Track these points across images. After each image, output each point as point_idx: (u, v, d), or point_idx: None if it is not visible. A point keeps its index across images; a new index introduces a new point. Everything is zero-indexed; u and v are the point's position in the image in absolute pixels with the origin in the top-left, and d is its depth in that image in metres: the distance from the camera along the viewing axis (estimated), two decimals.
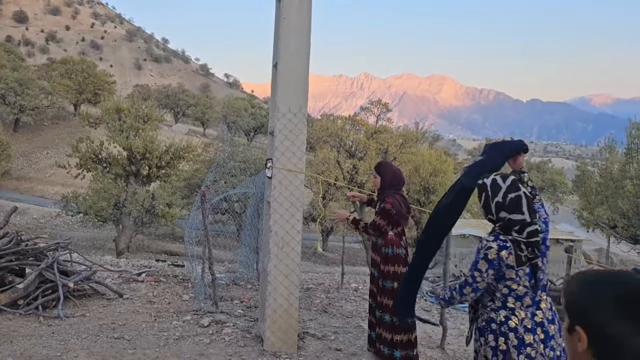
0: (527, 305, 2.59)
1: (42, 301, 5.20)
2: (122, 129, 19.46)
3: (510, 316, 2.57)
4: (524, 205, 2.56)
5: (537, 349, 2.52)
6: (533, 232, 2.54)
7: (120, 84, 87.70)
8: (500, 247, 2.53)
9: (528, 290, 2.58)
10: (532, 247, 2.54)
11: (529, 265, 2.54)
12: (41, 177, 41.65)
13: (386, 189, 4.38)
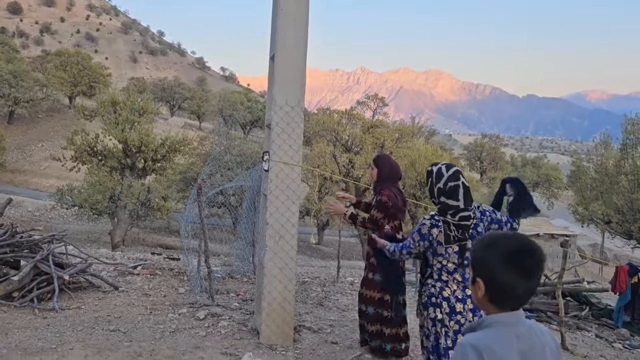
0: (459, 280, 2.98)
1: (37, 293, 5.18)
2: (117, 122, 19.37)
3: (444, 287, 2.98)
4: (460, 193, 2.97)
5: (466, 317, 2.90)
6: (464, 217, 2.95)
7: (116, 76, 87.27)
8: (432, 225, 2.97)
9: (457, 267, 2.96)
10: (461, 229, 2.94)
11: (457, 245, 2.94)
12: (36, 170, 41.46)
13: (383, 182, 4.37)
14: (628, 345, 6.34)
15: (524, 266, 1.53)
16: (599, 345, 6.28)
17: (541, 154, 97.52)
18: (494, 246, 1.58)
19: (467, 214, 2.97)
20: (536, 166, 56.76)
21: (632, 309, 7.24)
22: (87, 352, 4.00)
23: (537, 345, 1.58)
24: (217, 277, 7.22)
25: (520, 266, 1.53)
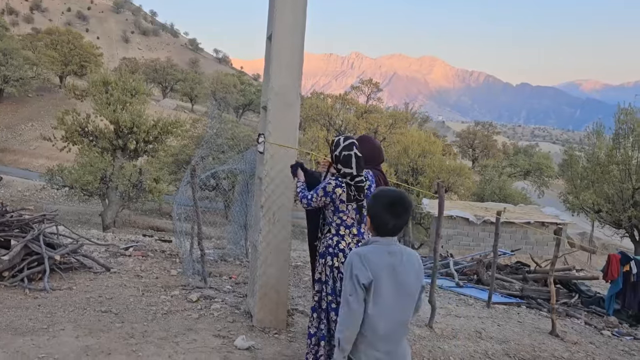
0: (354, 234, 3.43)
1: (28, 273, 5.13)
2: (109, 102, 19.12)
3: (340, 240, 3.41)
4: (353, 162, 3.43)
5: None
6: (359, 182, 3.41)
7: (107, 56, 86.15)
8: (336, 185, 3.41)
9: (354, 222, 3.43)
10: (359, 191, 3.40)
11: (356, 203, 3.40)
12: (26, 150, 41.01)
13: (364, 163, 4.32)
14: (617, 332, 6.40)
15: (393, 210, 2.30)
16: (588, 332, 6.33)
17: (533, 142, 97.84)
18: (377, 197, 2.39)
19: (360, 178, 3.43)
20: (528, 154, 56.86)
21: (622, 297, 7.30)
22: (79, 332, 3.96)
23: (404, 261, 2.31)
24: (209, 260, 7.19)
25: (390, 210, 2.30)
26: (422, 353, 4.42)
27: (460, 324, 5.43)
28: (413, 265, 2.31)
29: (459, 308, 6.43)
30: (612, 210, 21.40)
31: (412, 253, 2.36)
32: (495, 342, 5.00)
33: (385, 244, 2.31)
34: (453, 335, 4.97)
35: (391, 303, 2.24)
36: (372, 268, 2.22)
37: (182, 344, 3.97)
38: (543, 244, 20.18)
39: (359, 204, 3.42)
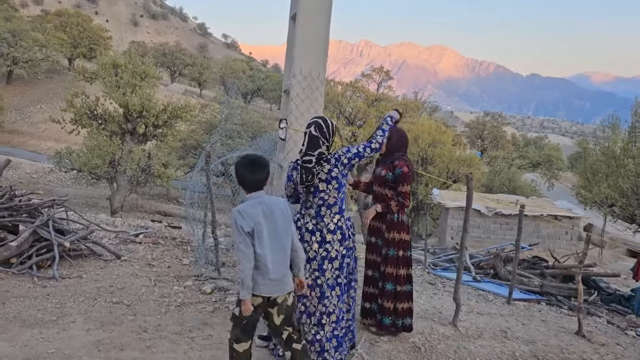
0: (312, 215, 3.48)
1: (36, 260, 4.94)
2: (118, 85, 18.87)
3: (300, 218, 3.52)
4: (305, 140, 3.47)
5: (312, 246, 3.43)
6: (305, 161, 3.41)
7: (116, 39, 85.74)
8: (292, 168, 3.55)
9: (312, 204, 3.47)
10: (306, 172, 3.39)
11: (306, 185, 3.43)
12: (34, 132, 40.94)
13: (393, 152, 4.13)
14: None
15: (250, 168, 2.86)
16: (613, 332, 6.10)
17: (542, 134, 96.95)
18: (239, 161, 2.94)
19: (308, 158, 3.41)
20: (538, 146, 56.27)
21: None
22: (90, 325, 3.77)
23: (273, 208, 2.87)
24: (221, 248, 7.00)
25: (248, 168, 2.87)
26: (448, 353, 4.20)
27: (484, 322, 5.20)
28: (280, 209, 2.91)
29: (480, 304, 6.20)
30: (627, 204, 21.03)
31: (277, 200, 2.98)
32: (521, 343, 4.78)
33: (256, 197, 2.88)
34: (478, 335, 4.75)
35: (271, 241, 2.85)
36: (251, 218, 2.80)
37: (197, 340, 3.78)
38: (555, 237, 19.87)
39: (308, 186, 3.43)
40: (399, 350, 4.08)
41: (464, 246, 4.79)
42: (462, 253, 4.81)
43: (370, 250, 4.25)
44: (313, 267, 3.41)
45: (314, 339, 3.41)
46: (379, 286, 4.15)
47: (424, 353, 4.13)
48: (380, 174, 4.19)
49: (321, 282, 3.41)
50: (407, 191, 4.03)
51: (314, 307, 3.42)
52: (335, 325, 3.47)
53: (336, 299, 3.46)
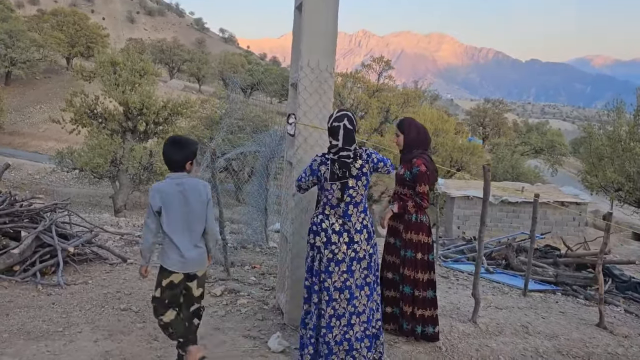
0: (339, 215, 3.27)
1: (40, 267, 4.79)
2: (117, 83, 18.69)
3: (324, 219, 3.29)
4: (340, 134, 3.25)
5: (340, 247, 3.25)
6: (344, 156, 3.23)
7: (114, 37, 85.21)
8: (321, 162, 3.29)
9: (339, 202, 3.25)
10: (342, 168, 3.22)
11: (340, 182, 3.22)
12: (35, 132, 40.77)
13: (412, 149, 3.93)
14: None
15: (171, 149, 2.98)
16: (633, 322, 5.94)
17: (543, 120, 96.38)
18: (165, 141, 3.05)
19: (346, 153, 3.24)
20: (540, 132, 55.93)
21: None
22: (97, 335, 3.61)
23: (189, 190, 2.98)
24: (229, 247, 6.84)
25: (169, 149, 2.99)
26: (470, 352, 4.05)
27: (504, 317, 5.04)
28: (198, 190, 3.02)
29: (497, 298, 6.05)
30: (633, 188, 20.83)
31: (196, 182, 3.07)
32: (544, 338, 4.62)
33: (175, 178, 2.99)
34: (499, 331, 4.59)
35: (183, 222, 2.98)
36: (162, 197, 2.94)
37: (209, 347, 3.62)
38: (562, 224, 19.69)
39: (343, 182, 3.22)
40: (419, 351, 3.93)
41: (482, 240, 4.62)
42: (480, 247, 4.64)
43: (389, 251, 4.07)
44: (342, 269, 3.26)
45: (343, 339, 3.28)
46: (400, 289, 3.98)
47: (445, 353, 3.98)
48: (399, 172, 4.00)
49: (350, 284, 3.28)
50: (425, 191, 3.84)
51: (343, 309, 3.27)
52: (367, 325, 3.33)
53: (366, 299, 3.32)
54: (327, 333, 3.25)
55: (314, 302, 3.32)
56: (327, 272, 3.25)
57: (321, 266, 3.28)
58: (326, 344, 3.26)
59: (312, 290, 3.33)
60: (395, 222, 4.01)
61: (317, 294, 3.31)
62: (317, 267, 3.30)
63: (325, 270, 3.25)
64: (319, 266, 3.29)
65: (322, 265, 3.26)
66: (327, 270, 3.25)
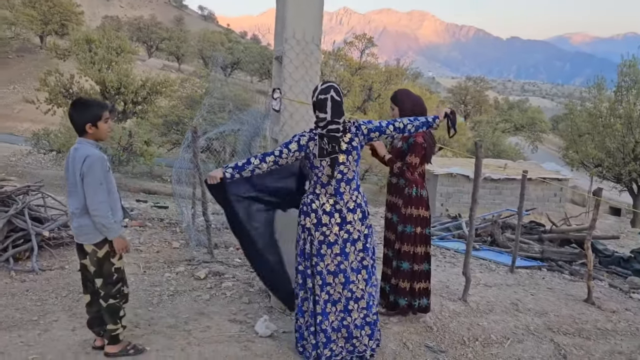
0: (331, 193, 3.10)
1: (13, 252, 4.55)
2: (93, 61, 18.16)
3: (314, 199, 3.12)
4: (328, 106, 3.05)
5: (331, 229, 3.10)
6: (333, 130, 3.04)
7: (89, 15, 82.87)
8: (309, 138, 3.09)
9: (331, 179, 3.07)
10: (331, 142, 3.03)
11: (329, 158, 3.03)
12: (9, 113, 39.63)
13: None
14: None
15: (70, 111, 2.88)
16: (618, 296, 5.95)
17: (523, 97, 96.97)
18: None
19: (335, 126, 3.05)
20: (522, 109, 56.27)
21: None
22: (75, 323, 3.44)
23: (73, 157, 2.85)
24: (212, 228, 6.67)
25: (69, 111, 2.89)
26: (461, 332, 3.97)
27: (494, 295, 4.99)
28: (75, 161, 2.84)
29: (485, 275, 6.00)
30: (613, 164, 21.07)
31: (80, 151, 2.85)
32: (534, 315, 4.58)
33: (76, 143, 2.91)
34: (489, 309, 4.53)
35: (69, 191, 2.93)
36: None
37: (195, 333, 3.47)
38: (544, 200, 19.91)
39: (333, 158, 3.04)
40: (411, 332, 3.84)
41: (473, 217, 4.52)
42: (471, 225, 4.54)
43: (387, 226, 3.96)
44: (335, 252, 3.11)
45: (340, 325, 3.16)
46: (393, 265, 3.87)
47: (436, 332, 3.90)
48: (397, 145, 3.86)
49: (345, 267, 3.13)
50: (414, 163, 3.69)
51: (338, 294, 3.14)
52: (367, 311, 3.20)
53: (363, 283, 3.18)
54: (323, 320, 3.13)
55: (308, 287, 3.18)
56: (319, 255, 3.11)
57: (312, 249, 3.14)
58: (323, 331, 3.13)
59: (306, 275, 3.19)
60: (394, 197, 3.89)
61: (311, 278, 3.17)
62: (309, 250, 3.16)
63: (317, 253, 3.12)
64: (310, 249, 3.15)
65: (314, 248, 3.12)
66: (318, 253, 3.11)
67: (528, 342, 3.99)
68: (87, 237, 2.92)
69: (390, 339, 3.66)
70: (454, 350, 3.71)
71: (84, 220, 2.89)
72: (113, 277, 2.99)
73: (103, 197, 2.82)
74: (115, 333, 3.02)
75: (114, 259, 2.98)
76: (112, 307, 3.00)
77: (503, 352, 3.80)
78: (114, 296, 3.00)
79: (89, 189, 2.80)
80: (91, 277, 3.01)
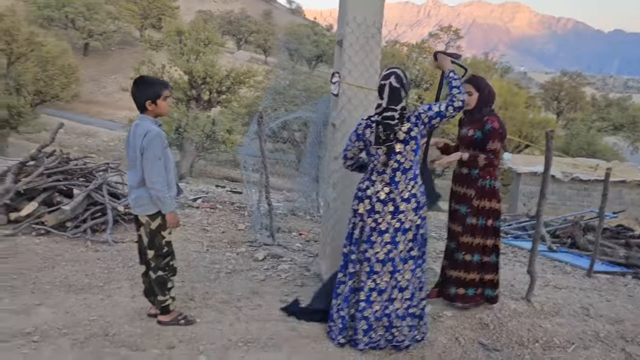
0: (386, 182, 3.08)
1: (91, 224, 4.91)
2: (182, 52, 19.07)
3: (370, 186, 3.12)
4: (385, 92, 3.04)
5: (384, 217, 3.08)
6: (387, 117, 3.02)
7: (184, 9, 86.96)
8: (366, 125, 3.11)
9: (386, 168, 3.05)
10: (387, 130, 3.00)
11: (385, 146, 3.02)
12: (110, 102, 42.63)
13: (482, 107, 3.65)
14: None
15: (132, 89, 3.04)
16: None
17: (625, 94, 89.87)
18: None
19: (390, 113, 3.03)
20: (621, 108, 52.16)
21: None
22: (135, 292, 3.65)
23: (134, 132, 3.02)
24: (279, 213, 6.80)
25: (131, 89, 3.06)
26: (520, 332, 3.77)
27: (562, 297, 4.68)
28: (135, 136, 2.99)
29: (557, 277, 5.65)
30: None
31: (142, 128, 2.98)
32: (606, 322, 4.25)
33: (138, 119, 3.06)
34: (555, 312, 4.26)
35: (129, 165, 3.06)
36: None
37: (245, 310, 3.57)
38: (636, 204, 18.37)
39: (389, 147, 3.02)
40: (464, 327, 3.70)
41: (540, 214, 4.27)
42: (538, 221, 4.29)
43: (452, 219, 3.86)
44: (385, 240, 3.09)
45: (382, 314, 3.14)
46: (453, 257, 3.79)
47: (492, 330, 3.73)
48: (467, 134, 3.72)
49: (393, 256, 3.11)
50: (497, 149, 3.59)
51: (385, 283, 3.12)
52: (410, 302, 3.17)
53: (409, 274, 3.15)
54: (366, 307, 3.11)
55: (349, 272, 3.18)
56: (369, 242, 3.10)
57: (363, 235, 3.13)
58: (365, 319, 3.12)
59: (349, 259, 3.18)
60: (463, 187, 3.78)
61: (354, 264, 3.16)
62: (358, 235, 3.15)
63: (367, 239, 3.10)
64: (359, 235, 3.15)
65: (364, 235, 3.11)
66: (369, 240, 3.09)
67: (595, 349, 3.71)
68: (142, 208, 3.07)
69: (442, 332, 3.56)
70: (509, 350, 3.53)
71: (140, 192, 3.04)
72: (163, 249, 3.13)
73: (160, 171, 2.96)
74: (165, 304, 3.16)
75: (164, 232, 3.12)
76: (160, 279, 3.14)
77: (565, 357, 3.57)
78: (163, 268, 3.14)
79: (148, 163, 2.94)
80: (144, 248, 3.15)
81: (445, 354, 3.30)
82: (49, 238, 4.66)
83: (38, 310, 3.25)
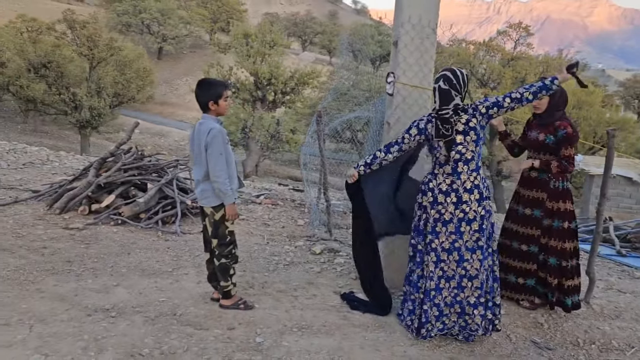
0: (448, 173, 3.21)
1: (162, 216, 5.29)
2: (249, 54, 19.68)
3: (432, 179, 3.27)
4: (436, 95, 3.21)
5: (447, 208, 3.20)
6: (442, 115, 3.17)
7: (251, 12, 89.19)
8: (427, 121, 3.28)
9: (448, 160, 3.17)
10: (444, 124, 3.15)
11: (444, 139, 3.16)
12: (181, 103, 44.51)
13: (554, 111, 3.65)
14: None
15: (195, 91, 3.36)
16: None
17: None
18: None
19: (444, 112, 3.17)
20: None
21: None
22: (201, 278, 3.94)
23: (197, 133, 3.26)
24: (337, 211, 6.97)
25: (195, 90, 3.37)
26: (576, 333, 3.73)
27: (625, 301, 4.55)
28: (200, 134, 3.22)
29: (622, 281, 5.46)
30: None
31: (206, 126, 3.22)
32: None
33: (201, 118, 3.31)
34: (616, 315, 4.16)
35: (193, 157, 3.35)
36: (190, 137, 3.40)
37: (300, 299, 3.76)
38: None
39: (448, 140, 3.15)
40: (517, 325, 3.72)
41: (601, 214, 4.18)
42: (598, 221, 4.21)
43: (525, 223, 3.83)
44: (449, 230, 3.21)
45: (454, 301, 3.27)
46: (539, 260, 3.81)
47: (546, 330, 3.72)
48: (538, 138, 3.73)
49: (459, 245, 3.21)
50: (571, 155, 3.60)
51: (452, 271, 3.24)
52: (480, 291, 3.25)
53: (478, 263, 3.23)
54: (436, 295, 3.24)
55: (417, 261, 3.34)
56: (434, 233, 3.22)
57: (427, 226, 3.26)
58: (436, 306, 3.24)
59: (417, 250, 3.35)
60: (534, 191, 3.79)
61: (421, 254, 3.31)
62: (423, 227, 3.30)
63: (432, 230, 3.23)
64: (424, 226, 3.29)
65: (429, 226, 3.25)
66: (433, 230, 3.23)
67: None
68: (207, 200, 3.31)
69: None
70: (563, 350, 3.51)
71: (205, 186, 3.28)
72: (226, 239, 3.37)
73: (222, 165, 3.20)
74: (227, 289, 3.41)
75: (227, 222, 3.35)
76: (223, 265, 3.38)
77: (623, 359, 3.51)
78: (226, 256, 3.38)
79: (211, 158, 3.18)
80: (209, 237, 3.41)
81: (495, 349, 3.34)
82: (125, 228, 5.08)
83: (115, 290, 3.60)
